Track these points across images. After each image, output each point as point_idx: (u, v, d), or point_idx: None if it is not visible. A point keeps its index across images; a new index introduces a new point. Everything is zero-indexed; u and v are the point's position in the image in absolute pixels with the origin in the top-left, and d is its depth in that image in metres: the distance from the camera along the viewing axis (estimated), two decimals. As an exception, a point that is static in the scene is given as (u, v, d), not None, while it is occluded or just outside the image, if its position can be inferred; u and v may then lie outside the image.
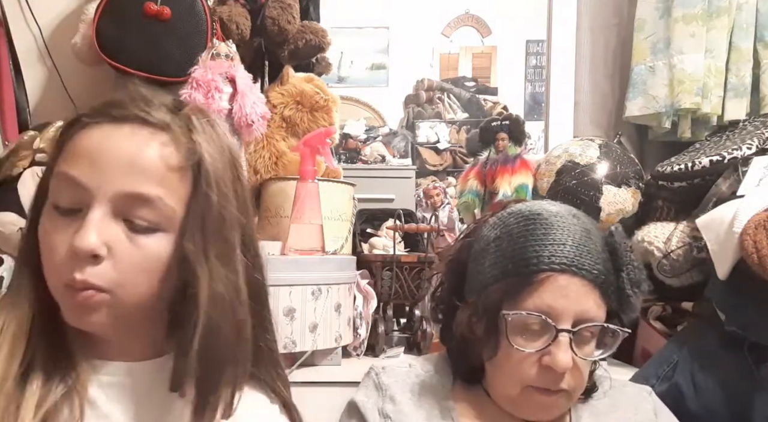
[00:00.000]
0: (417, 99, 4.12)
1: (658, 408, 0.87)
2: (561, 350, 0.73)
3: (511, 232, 0.79)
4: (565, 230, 0.77)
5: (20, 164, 1.20)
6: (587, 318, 0.75)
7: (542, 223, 0.78)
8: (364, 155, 3.54)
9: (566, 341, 0.73)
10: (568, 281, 0.74)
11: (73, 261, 0.57)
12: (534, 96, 4.76)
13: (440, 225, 2.13)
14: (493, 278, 0.78)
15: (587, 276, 0.75)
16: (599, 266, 0.76)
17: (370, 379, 0.87)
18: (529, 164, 1.52)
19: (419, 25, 4.74)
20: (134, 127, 0.60)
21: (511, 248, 0.77)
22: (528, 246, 0.76)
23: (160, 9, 1.30)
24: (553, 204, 0.83)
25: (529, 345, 0.75)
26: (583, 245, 0.76)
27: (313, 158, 1.27)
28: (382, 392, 0.84)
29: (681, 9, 1.45)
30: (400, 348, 1.43)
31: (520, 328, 0.75)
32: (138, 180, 0.58)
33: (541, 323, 0.74)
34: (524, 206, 0.83)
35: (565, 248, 0.75)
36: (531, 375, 0.75)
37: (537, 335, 0.75)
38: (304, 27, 1.46)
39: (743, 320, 1.00)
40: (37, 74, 1.50)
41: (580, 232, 0.77)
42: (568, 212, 0.81)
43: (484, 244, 0.82)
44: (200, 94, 1.27)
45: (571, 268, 0.74)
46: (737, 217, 0.99)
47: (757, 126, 1.34)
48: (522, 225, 0.79)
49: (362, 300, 1.36)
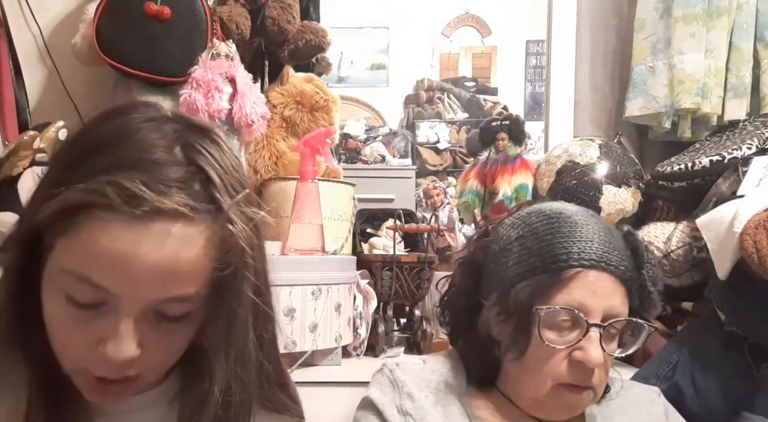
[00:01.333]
0: (417, 99, 4.11)
1: (669, 409, 0.88)
2: (593, 345, 0.74)
3: (535, 231, 0.79)
4: (590, 228, 0.78)
5: (20, 164, 1.20)
6: (615, 313, 0.75)
7: (566, 221, 0.79)
8: (364, 155, 3.54)
9: (597, 336, 0.74)
10: (597, 277, 0.75)
11: (106, 363, 0.53)
12: (534, 96, 4.76)
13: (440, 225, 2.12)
14: (519, 276, 0.78)
15: (615, 272, 0.76)
16: (625, 262, 0.77)
17: (384, 376, 0.86)
18: (529, 164, 1.52)
19: (419, 25, 4.73)
20: (163, 224, 0.51)
21: (537, 245, 0.78)
22: (556, 243, 0.77)
23: (160, 9, 1.30)
24: (570, 205, 0.84)
25: (560, 340, 0.75)
26: (609, 242, 0.77)
27: (313, 158, 1.27)
28: (399, 388, 0.83)
29: (681, 9, 1.45)
30: (400, 348, 1.43)
31: (550, 324, 0.76)
32: (174, 286, 0.53)
33: (573, 318, 0.75)
34: (543, 206, 0.83)
35: (593, 245, 0.76)
36: (561, 371, 0.75)
37: (567, 331, 0.76)
38: (304, 27, 1.46)
39: (743, 320, 1.00)
40: (37, 74, 1.50)
41: (604, 230, 0.79)
42: (587, 212, 0.82)
43: (504, 244, 0.82)
44: (200, 94, 1.27)
45: (600, 264, 0.75)
46: (737, 217, 0.99)
47: (757, 126, 1.34)
48: (546, 224, 0.79)
49: (362, 300, 1.36)
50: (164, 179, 0.51)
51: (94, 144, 0.53)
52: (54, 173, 0.55)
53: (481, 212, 1.60)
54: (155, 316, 0.54)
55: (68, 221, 0.51)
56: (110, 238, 0.50)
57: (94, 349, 0.53)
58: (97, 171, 0.51)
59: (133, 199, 0.50)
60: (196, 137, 0.55)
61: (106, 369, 0.54)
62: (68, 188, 0.50)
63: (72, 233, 0.51)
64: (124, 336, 0.52)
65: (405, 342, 1.47)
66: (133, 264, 0.50)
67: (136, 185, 0.50)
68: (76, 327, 0.53)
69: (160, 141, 0.53)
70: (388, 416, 0.80)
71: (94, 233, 0.50)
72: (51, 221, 0.52)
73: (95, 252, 0.50)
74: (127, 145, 0.53)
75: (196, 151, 0.54)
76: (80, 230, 0.51)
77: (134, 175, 0.50)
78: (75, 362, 0.55)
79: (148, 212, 0.50)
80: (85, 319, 0.53)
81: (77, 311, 0.53)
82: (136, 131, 0.53)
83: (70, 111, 1.47)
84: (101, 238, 0.50)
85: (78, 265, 0.51)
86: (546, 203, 0.85)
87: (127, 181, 0.50)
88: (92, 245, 0.50)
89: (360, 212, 1.52)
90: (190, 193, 0.52)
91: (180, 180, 0.52)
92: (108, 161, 0.51)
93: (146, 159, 0.52)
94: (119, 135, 0.53)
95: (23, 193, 1.21)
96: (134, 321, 0.53)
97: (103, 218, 0.50)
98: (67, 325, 0.54)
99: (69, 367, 0.56)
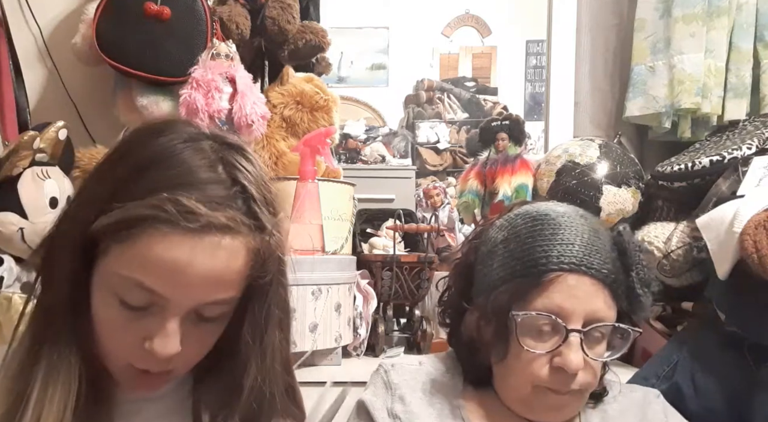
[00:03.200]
0: (417, 99, 4.11)
1: (668, 410, 0.87)
2: (572, 350, 0.73)
3: (518, 233, 0.78)
4: (573, 230, 0.76)
5: (20, 164, 1.20)
6: (597, 317, 0.74)
7: (550, 223, 0.77)
8: (364, 155, 3.54)
9: (577, 341, 0.73)
10: (578, 281, 0.74)
11: (150, 357, 0.59)
12: (534, 96, 4.75)
13: (440, 225, 2.12)
14: (501, 279, 0.77)
15: (596, 275, 0.74)
16: (608, 265, 0.76)
17: (378, 377, 0.85)
18: (529, 164, 1.52)
19: (419, 25, 4.73)
20: (214, 237, 0.58)
21: (519, 248, 0.77)
22: (536, 246, 0.76)
23: (160, 9, 1.30)
24: (560, 205, 0.83)
25: (540, 345, 0.74)
26: (591, 245, 0.76)
27: (313, 158, 1.27)
28: (391, 391, 0.82)
29: (681, 9, 1.45)
30: (400, 348, 1.43)
31: (529, 329, 0.75)
32: (219, 291, 0.60)
33: (552, 323, 0.74)
34: (531, 207, 0.82)
35: (574, 248, 0.74)
36: (542, 376, 0.75)
37: (547, 336, 0.75)
38: (304, 27, 1.46)
39: (743, 320, 1.00)
40: (37, 74, 1.50)
41: (588, 231, 0.77)
42: (576, 213, 0.80)
43: (491, 246, 0.81)
44: (200, 94, 1.27)
45: (581, 267, 0.74)
46: (737, 217, 0.99)
47: (757, 126, 1.34)
48: (530, 226, 0.78)
49: (362, 300, 1.36)
50: (214, 196, 0.58)
51: (144, 163, 0.60)
52: (104, 187, 0.60)
53: (481, 212, 1.60)
54: (195, 316, 0.61)
55: (127, 231, 0.57)
56: (167, 248, 0.56)
57: (140, 345, 0.59)
58: (154, 188, 0.57)
59: (190, 214, 0.56)
60: (233, 154, 0.62)
61: (150, 363, 0.60)
62: (127, 202, 0.57)
63: (130, 242, 0.57)
64: (171, 334, 0.59)
65: (405, 342, 1.47)
66: (186, 272, 0.57)
67: (193, 202, 0.56)
68: (125, 326, 0.59)
69: (204, 161, 0.60)
70: (378, 419, 0.80)
71: (153, 244, 0.56)
72: (109, 231, 0.58)
73: (152, 260, 0.56)
74: (176, 165, 0.59)
75: (236, 169, 0.61)
76: (138, 240, 0.57)
77: (190, 193, 0.57)
78: (120, 356, 0.62)
79: (203, 227, 0.57)
80: (134, 319, 0.59)
81: (127, 312, 0.59)
82: (181, 151, 0.60)
83: (70, 111, 1.47)
84: (159, 248, 0.56)
85: (133, 271, 0.57)
86: (536, 204, 0.84)
87: (185, 199, 0.56)
88: (150, 254, 0.56)
89: (360, 212, 1.52)
90: (236, 208, 0.59)
91: (227, 198, 0.59)
92: (162, 180, 0.58)
93: (196, 178, 0.59)
94: (166, 155, 0.60)
95: (23, 193, 1.21)
96: (179, 321, 0.59)
97: (161, 230, 0.56)
98: (117, 324, 0.60)
99: (113, 361, 0.63)
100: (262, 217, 0.60)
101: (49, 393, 0.60)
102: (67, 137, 1.29)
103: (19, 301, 1.20)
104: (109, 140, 1.46)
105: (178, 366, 0.63)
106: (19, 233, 1.20)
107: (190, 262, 0.57)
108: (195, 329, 0.61)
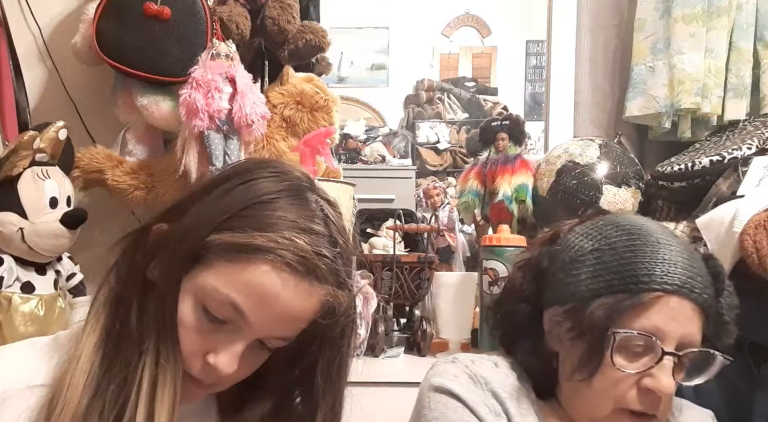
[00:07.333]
0: (417, 99, 4.11)
1: None
2: (665, 373, 0.71)
3: (614, 245, 0.75)
4: (673, 250, 0.74)
5: (20, 164, 1.20)
6: (690, 341, 0.72)
7: (649, 240, 0.75)
8: (364, 155, 3.54)
9: (670, 364, 0.71)
10: (679, 304, 0.72)
11: (208, 369, 0.62)
12: (534, 96, 4.75)
13: (440, 225, 2.13)
14: (593, 292, 0.74)
15: (698, 300, 0.72)
16: (708, 289, 0.74)
17: (458, 368, 0.81)
18: (529, 164, 1.52)
19: (419, 25, 4.72)
20: (314, 284, 0.62)
21: (616, 262, 0.74)
22: (638, 263, 0.73)
23: (160, 9, 1.30)
24: (648, 220, 0.80)
25: (631, 365, 0.72)
26: (692, 267, 0.74)
27: (313, 158, 1.27)
28: (481, 385, 0.79)
29: (681, 9, 1.45)
30: (400, 348, 1.43)
31: (623, 348, 0.72)
32: (293, 328, 0.64)
33: (647, 344, 0.72)
34: (621, 219, 0.79)
35: (677, 269, 0.72)
36: (628, 397, 0.72)
37: (638, 356, 0.72)
38: (304, 27, 1.46)
39: (743, 320, 1.00)
40: (37, 74, 1.50)
41: (687, 252, 0.75)
42: (667, 230, 0.78)
43: (576, 254, 0.78)
44: (200, 94, 1.27)
45: (683, 289, 0.72)
46: (737, 217, 0.99)
47: (757, 126, 1.34)
48: (626, 239, 0.75)
49: (362, 300, 1.36)
50: (322, 247, 0.63)
51: (272, 196, 0.64)
52: (224, 205, 0.63)
53: (481, 212, 1.60)
54: (257, 343, 0.64)
55: (241, 254, 0.60)
56: (272, 281, 0.60)
57: (202, 355, 0.62)
58: (275, 224, 0.61)
59: (302, 258, 0.60)
60: (332, 209, 0.68)
61: (205, 374, 0.63)
62: (247, 228, 0.61)
63: (241, 265, 0.60)
64: (235, 355, 0.62)
65: (405, 341, 1.47)
66: (279, 306, 0.61)
67: (308, 249, 0.61)
68: (197, 332, 0.62)
69: (317, 213, 0.65)
70: (479, 413, 0.76)
71: (260, 273, 0.60)
72: (223, 248, 0.61)
73: (255, 287, 0.60)
74: (300, 208, 0.64)
75: (335, 225, 0.66)
76: (249, 266, 0.60)
77: (309, 239, 0.62)
78: (185, 354, 0.63)
79: (308, 272, 0.61)
80: (208, 330, 0.62)
81: (204, 322, 0.62)
82: (305, 198, 0.65)
83: (70, 111, 1.47)
84: (266, 278, 0.60)
85: (232, 290, 0.60)
86: (622, 216, 0.81)
87: (304, 243, 0.61)
88: (255, 281, 0.60)
89: (360, 212, 1.52)
90: (332, 262, 0.64)
91: (330, 252, 0.63)
92: (285, 218, 0.62)
93: (311, 228, 0.63)
94: (292, 196, 0.64)
95: (23, 193, 1.21)
96: (245, 345, 0.63)
97: (275, 264, 0.60)
98: (191, 328, 0.62)
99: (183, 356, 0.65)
100: (344, 275, 0.65)
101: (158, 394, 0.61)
102: (67, 137, 1.29)
103: (19, 301, 1.20)
104: (109, 140, 1.46)
105: (225, 383, 0.66)
106: (19, 233, 1.20)
107: (285, 298, 0.61)
108: (251, 354, 0.64)
